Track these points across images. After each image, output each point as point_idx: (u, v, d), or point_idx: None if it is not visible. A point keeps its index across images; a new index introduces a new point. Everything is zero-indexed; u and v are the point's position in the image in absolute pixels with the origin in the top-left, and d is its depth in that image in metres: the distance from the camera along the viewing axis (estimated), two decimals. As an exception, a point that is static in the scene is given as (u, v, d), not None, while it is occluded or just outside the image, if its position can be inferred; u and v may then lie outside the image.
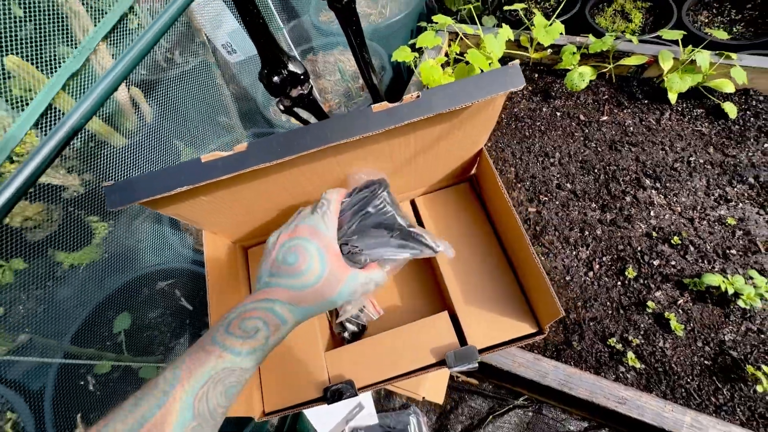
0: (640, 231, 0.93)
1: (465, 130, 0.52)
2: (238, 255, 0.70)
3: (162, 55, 1.55)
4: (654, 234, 0.92)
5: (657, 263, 0.89)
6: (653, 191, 0.98)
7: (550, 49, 1.20)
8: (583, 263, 0.92)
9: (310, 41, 1.63)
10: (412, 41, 1.20)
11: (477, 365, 0.57)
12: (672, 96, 1.07)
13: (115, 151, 1.04)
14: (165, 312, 1.12)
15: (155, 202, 0.43)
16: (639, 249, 0.91)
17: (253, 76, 1.45)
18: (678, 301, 0.84)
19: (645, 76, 1.17)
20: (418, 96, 0.41)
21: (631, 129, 1.08)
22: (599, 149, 1.07)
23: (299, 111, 0.72)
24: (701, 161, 1.01)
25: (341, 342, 0.68)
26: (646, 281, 0.87)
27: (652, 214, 0.95)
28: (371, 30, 1.51)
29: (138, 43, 0.72)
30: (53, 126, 0.68)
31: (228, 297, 0.60)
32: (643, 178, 1.00)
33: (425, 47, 1.15)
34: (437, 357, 0.59)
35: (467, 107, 0.43)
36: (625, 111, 1.12)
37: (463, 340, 0.60)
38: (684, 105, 1.10)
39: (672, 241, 0.90)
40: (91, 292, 1.06)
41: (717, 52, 1.06)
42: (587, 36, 1.17)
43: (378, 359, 0.60)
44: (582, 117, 1.14)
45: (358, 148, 0.46)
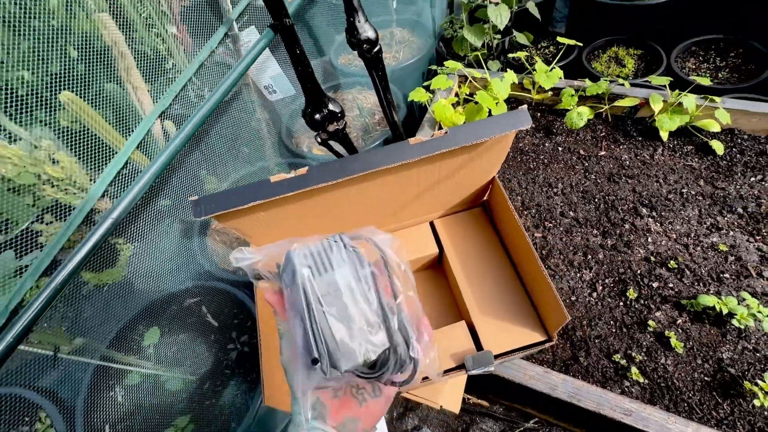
0: (639, 255, 1.01)
1: (481, 160, 0.62)
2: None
3: (194, 92, 1.70)
4: (652, 258, 1.00)
5: (656, 285, 0.96)
6: (650, 219, 1.06)
7: (550, 92, 1.33)
8: (587, 284, 0.99)
9: (330, 80, 1.78)
10: (426, 83, 1.34)
11: (492, 369, 0.63)
12: (663, 134, 1.18)
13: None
14: (191, 327, 1.18)
15: (226, 215, 0.53)
16: (639, 272, 0.98)
17: (282, 112, 1.59)
18: (677, 321, 0.91)
19: (638, 116, 1.28)
20: (446, 132, 0.51)
21: (628, 163, 1.18)
22: (598, 181, 1.16)
23: (332, 143, 0.83)
24: (693, 193, 1.09)
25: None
26: (646, 302, 0.94)
27: (649, 240, 1.03)
28: (387, 72, 1.66)
29: (196, 115, 0.80)
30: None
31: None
32: (640, 207, 1.09)
33: (438, 88, 1.28)
34: (456, 362, 0.66)
35: (485, 141, 0.53)
36: (621, 147, 1.23)
37: (480, 346, 0.66)
38: (675, 142, 1.21)
39: (669, 265, 0.98)
40: (119, 309, 1.13)
41: (702, 95, 1.18)
42: (584, 80, 1.30)
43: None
44: (582, 152, 1.24)
45: (394, 173, 0.55)
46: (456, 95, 1.38)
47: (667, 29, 1.74)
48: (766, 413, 0.79)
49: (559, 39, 1.38)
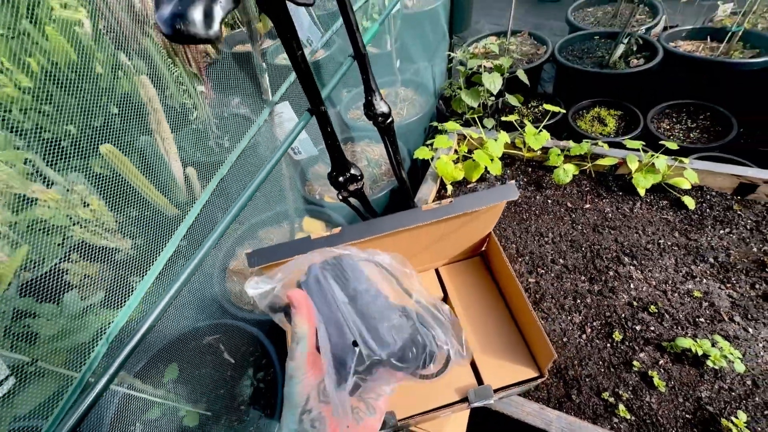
0: (623, 300, 1.12)
1: (479, 221, 0.75)
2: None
3: (214, 141, 1.87)
4: (634, 303, 1.10)
5: (639, 328, 1.06)
6: (631, 267, 1.18)
7: (540, 150, 1.49)
8: (577, 327, 1.09)
9: (340, 133, 1.97)
10: (429, 141, 1.50)
11: (492, 401, 0.73)
12: (641, 190, 1.33)
13: (166, 220, 1.25)
14: (209, 364, 1.26)
15: (271, 265, 0.64)
16: (623, 316, 1.09)
17: (298, 163, 1.75)
18: (659, 362, 1.00)
19: (618, 172, 1.44)
20: (451, 201, 0.64)
21: (610, 215, 1.32)
22: (585, 231, 1.29)
23: (351, 200, 0.96)
24: (669, 243, 1.22)
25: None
26: (631, 344, 1.03)
27: (632, 286, 1.14)
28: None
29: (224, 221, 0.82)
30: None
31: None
32: (622, 256, 1.21)
33: (440, 147, 1.44)
34: (460, 395, 0.75)
35: (482, 209, 0.66)
36: (604, 200, 1.37)
37: (480, 381, 0.76)
38: (652, 197, 1.35)
39: (650, 310, 1.08)
40: (142, 345, 1.21)
41: (673, 157, 1.34)
42: (569, 141, 1.47)
43: (410, 397, 0.76)
44: (569, 204, 1.38)
45: (410, 231, 0.68)
46: (455, 152, 1.55)
47: (641, 94, 1.96)
48: (742, 449, 0.86)
49: (546, 106, 1.56)
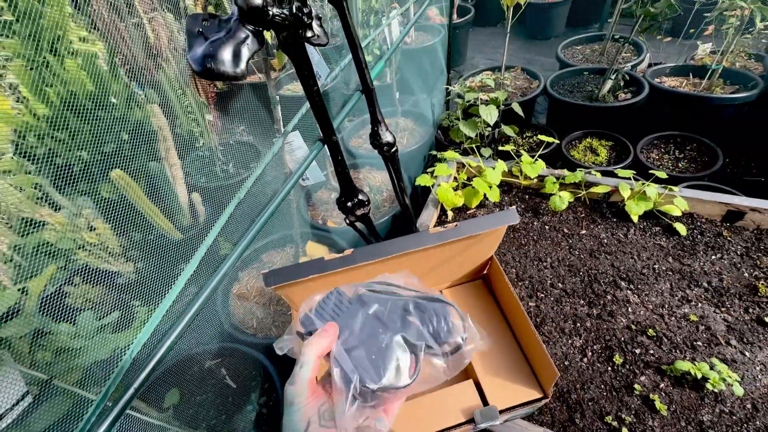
0: (621, 324, 1.14)
1: (482, 244, 0.79)
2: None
3: (220, 168, 1.92)
4: (633, 327, 1.13)
5: (638, 352, 1.07)
6: (628, 291, 1.21)
7: (536, 178, 1.55)
8: (578, 350, 1.10)
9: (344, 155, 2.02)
10: (430, 169, 1.56)
11: (498, 422, 0.74)
12: (634, 217, 1.38)
13: (170, 244, 1.27)
14: (211, 389, 1.25)
15: (284, 285, 0.67)
16: (622, 339, 1.11)
17: (303, 189, 1.80)
18: (660, 385, 1.01)
19: (612, 200, 1.50)
20: (456, 225, 0.68)
21: (606, 241, 1.36)
22: (582, 256, 1.33)
23: (358, 225, 1.00)
24: (664, 268, 1.26)
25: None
26: (631, 367, 1.05)
27: (629, 310, 1.17)
28: (394, 156, 1.91)
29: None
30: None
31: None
32: (619, 280, 1.24)
33: (440, 174, 1.50)
34: (466, 416, 0.76)
35: (485, 232, 0.70)
36: (599, 227, 1.42)
37: (485, 401, 0.77)
38: (645, 223, 1.40)
39: (648, 333, 1.10)
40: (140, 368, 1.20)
41: (663, 185, 1.40)
42: (563, 170, 1.53)
43: (417, 418, 0.77)
44: (566, 230, 1.43)
45: (417, 253, 0.71)
46: (455, 179, 1.60)
47: (630, 126, 2.05)
48: (746, 474, 0.86)
49: (540, 137, 1.64)
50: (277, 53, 1.26)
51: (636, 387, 1.01)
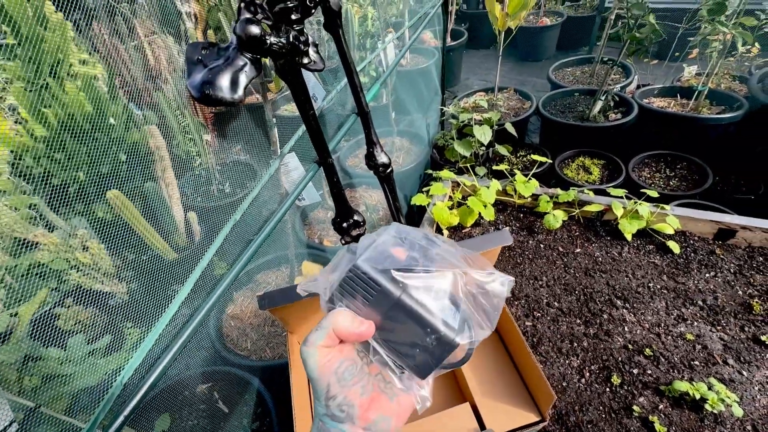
0: (618, 344, 1.13)
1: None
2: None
3: (216, 187, 1.92)
4: (630, 346, 1.12)
5: (636, 372, 1.07)
6: (624, 310, 1.21)
7: (530, 197, 1.57)
8: (576, 371, 1.09)
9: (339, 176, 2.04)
10: (425, 188, 1.58)
11: (496, 447, 0.72)
12: (627, 235, 1.39)
13: (164, 264, 1.25)
14: (203, 414, 1.22)
15: (281, 308, 0.67)
16: (620, 359, 1.10)
17: (299, 209, 1.80)
18: (659, 406, 1.00)
19: (605, 218, 1.51)
20: (450, 246, 0.69)
21: (600, 259, 1.37)
22: (577, 275, 1.33)
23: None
24: (659, 287, 1.26)
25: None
26: (629, 388, 1.04)
27: (626, 329, 1.16)
28: (390, 175, 1.93)
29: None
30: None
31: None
32: (615, 299, 1.24)
33: (435, 194, 1.51)
34: (463, 441, 0.74)
35: (481, 252, 0.70)
36: (594, 245, 1.43)
37: (482, 426, 0.76)
38: (639, 241, 1.42)
39: (645, 353, 1.10)
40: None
41: (655, 204, 1.42)
42: (557, 189, 1.55)
43: (415, 443, 0.75)
44: (560, 249, 1.44)
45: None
46: (450, 198, 1.62)
47: (621, 145, 2.10)
48: (749, 499, 0.85)
49: (533, 157, 1.67)
50: (275, 77, 1.29)
51: (635, 408, 0.99)
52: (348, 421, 0.29)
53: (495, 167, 1.81)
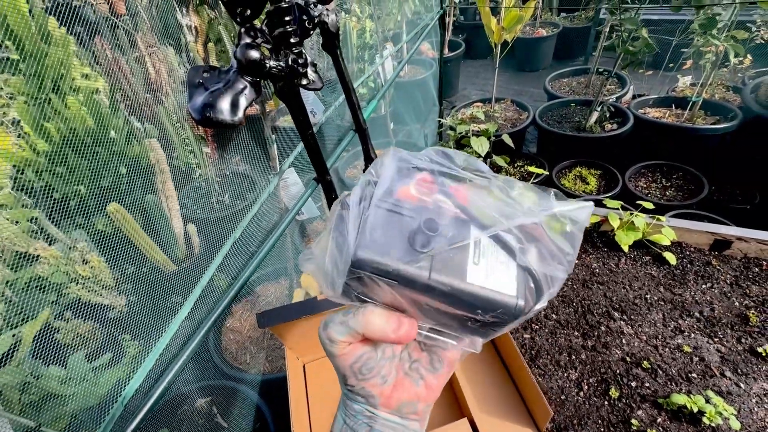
0: (616, 356, 1.14)
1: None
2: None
3: (216, 199, 1.93)
4: (628, 359, 1.12)
5: (634, 384, 1.07)
6: (622, 322, 1.22)
7: (527, 208, 1.58)
8: (574, 384, 1.09)
9: (339, 191, 2.05)
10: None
11: (494, 464, 0.72)
12: (624, 246, 1.40)
13: (163, 276, 1.25)
14: (201, 429, 1.21)
15: (279, 325, 0.67)
16: (618, 372, 1.10)
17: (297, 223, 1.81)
18: (657, 419, 1.00)
19: (602, 229, 1.52)
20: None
21: (597, 271, 1.38)
22: (574, 286, 1.34)
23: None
24: (655, 298, 1.27)
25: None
26: (627, 401, 1.04)
27: (623, 341, 1.17)
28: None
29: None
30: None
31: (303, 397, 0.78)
32: (612, 311, 1.25)
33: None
34: (461, 458, 0.75)
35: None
36: (591, 256, 1.43)
37: (481, 442, 0.76)
38: (635, 253, 1.43)
39: (643, 365, 1.10)
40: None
41: (651, 215, 1.43)
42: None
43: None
44: (558, 260, 1.44)
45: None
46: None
47: (618, 155, 2.11)
48: None
49: (529, 168, 1.68)
50: (273, 96, 1.31)
51: (633, 422, 1.00)
52: (371, 405, 0.28)
53: (492, 178, 1.83)
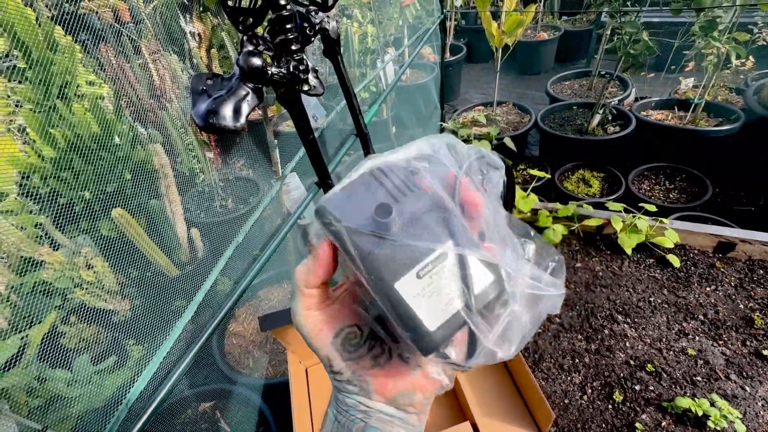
0: (620, 359, 1.13)
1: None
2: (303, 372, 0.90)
3: (219, 203, 1.95)
4: (631, 362, 1.12)
5: (638, 388, 1.06)
6: (625, 325, 1.21)
7: (529, 212, 1.58)
8: (578, 387, 1.09)
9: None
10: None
11: (497, 468, 0.72)
12: (627, 249, 1.40)
13: (167, 280, 1.25)
14: (204, 434, 1.21)
15: (282, 329, 0.68)
16: (622, 375, 1.10)
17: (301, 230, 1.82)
18: (662, 423, 0.99)
19: (605, 232, 1.52)
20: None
21: (600, 274, 1.38)
22: (578, 290, 1.34)
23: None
24: (659, 301, 1.26)
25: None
26: (632, 404, 1.04)
27: (627, 344, 1.16)
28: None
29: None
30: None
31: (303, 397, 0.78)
32: (615, 314, 1.24)
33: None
34: (464, 462, 0.75)
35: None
36: (594, 259, 1.43)
37: (484, 446, 0.76)
38: (639, 255, 1.42)
39: (647, 369, 1.10)
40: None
41: (654, 218, 1.43)
42: (556, 204, 1.56)
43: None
44: (561, 263, 1.44)
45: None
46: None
47: (620, 158, 2.11)
48: None
49: (531, 171, 1.68)
50: (275, 102, 1.32)
51: (638, 426, 0.99)
52: (363, 395, 0.26)
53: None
